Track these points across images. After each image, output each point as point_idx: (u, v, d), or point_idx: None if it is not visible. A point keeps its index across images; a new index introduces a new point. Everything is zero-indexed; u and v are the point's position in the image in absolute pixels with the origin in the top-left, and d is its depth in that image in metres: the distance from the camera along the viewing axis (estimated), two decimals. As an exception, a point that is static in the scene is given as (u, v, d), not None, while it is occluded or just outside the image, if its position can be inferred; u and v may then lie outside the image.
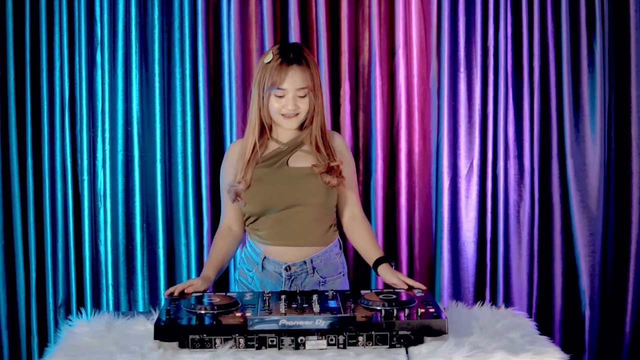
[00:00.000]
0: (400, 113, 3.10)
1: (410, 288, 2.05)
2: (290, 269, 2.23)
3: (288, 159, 2.23)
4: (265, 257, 2.25)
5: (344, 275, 2.34)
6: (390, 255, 2.19)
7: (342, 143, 2.32)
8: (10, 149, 3.04)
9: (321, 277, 2.26)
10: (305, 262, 2.23)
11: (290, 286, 2.23)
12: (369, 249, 2.25)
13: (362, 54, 3.11)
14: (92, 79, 3.04)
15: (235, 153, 2.27)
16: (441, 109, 3.09)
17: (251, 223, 2.27)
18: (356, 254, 2.58)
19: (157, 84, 3.03)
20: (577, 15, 3.06)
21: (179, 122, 3.07)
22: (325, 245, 2.27)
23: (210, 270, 2.18)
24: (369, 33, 3.09)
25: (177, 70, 3.05)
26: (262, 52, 3.04)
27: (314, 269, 2.24)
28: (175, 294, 2.00)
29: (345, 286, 2.33)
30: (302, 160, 2.23)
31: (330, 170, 2.19)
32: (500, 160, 3.10)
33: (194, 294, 1.99)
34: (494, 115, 3.09)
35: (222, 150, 3.09)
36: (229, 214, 2.29)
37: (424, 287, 2.04)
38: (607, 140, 3.14)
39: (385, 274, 2.14)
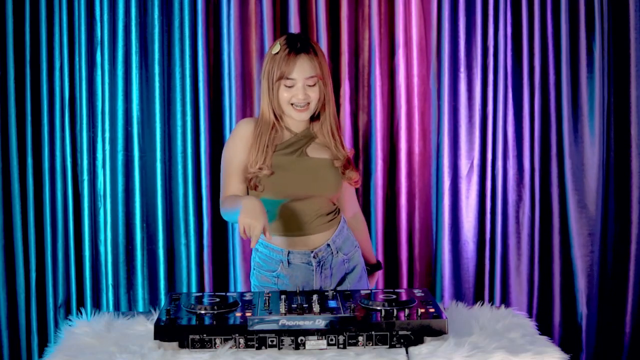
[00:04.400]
0: (400, 113, 3.10)
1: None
2: (317, 255, 2.24)
3: (306, 149, 2.24)
4: (290, 252, 2.23)
5: (357, 247, 2.36)
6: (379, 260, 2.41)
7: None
8: (10, 149, 3.04)
9: (344, 254, 2.29)
10: (329, 245, 2.25)
11: (321, 272, 2.24)
12: (367, 249, 2.45)
13: (362, 54, 3.11)
14: (92, 79, 3.04)
15: (250, 133, 2.22)
16: (441, 109, 3.09)
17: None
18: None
19: (157, 84, 3.03)
20: (576, 16, 3.06)
21: (179, 122, 3.07)
22: (338, 224, 2.29)
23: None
24: (369, 33, 3.09)
25: (177, 70, 3.05)
26: (262, 52, 3.05)
27: (337, 249, 2.27)
28: (263, 234, 1.98)
29: (361, 257, 2.38)
30: (320, 151, 2.25)
31: (349, 162, 2.26)
32: (500, 160, 3.10)
33: (194, 295, 1.99)
34: (494, 115, 3.09)
35: (222, 151, 3.08)
36: (234, 190, 2.21)
37: None
38: (606, 141, 3.14)
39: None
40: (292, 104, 2.18)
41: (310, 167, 2.22)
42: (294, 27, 3.01)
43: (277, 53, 2.16)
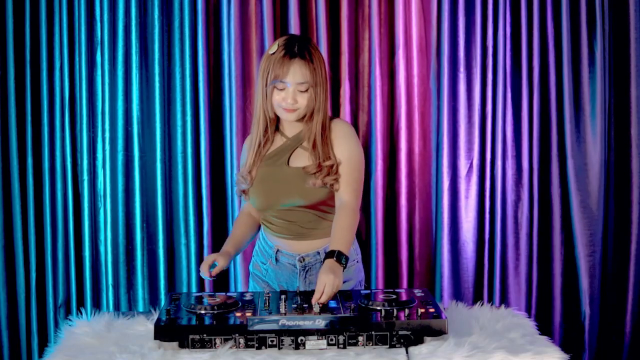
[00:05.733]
0: (400, 113, 3.10)
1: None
2: (304, 259, 2.23)
3: (289, 157, 2.22)
4: (278, 250, 2.26)
5: (357, 262, 2.30)
6: (344, 256, 2.02)
7: (344, 131, 2.23)
8: (10, 149, 3.04)
9: None
10: (318, 252, 2.23)
11: (305, 277, 2.24)
12: (332, 239, 2.09)
13: (362, 54, 3.11)
14: (92, 79, 3.04)
15: (248, 146, 2.30)
16: (441, 109, 3.09)
17: (263, 216, 2.29)
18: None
19: (157, 84, 3.03)
20: (577, 15, 3.06)
21: (179, 122, 3.07)
22: None
23: (231, 246, 2.24)
24: (369, 33, 3.09)
25: (177, 70, 3.05)
26: (262, 52, 3.05)
27: None
28: (207, 274, 2.09)
29: (360, 273, 2.31)
30: (302, 158, 2.21)
31: (320, 170, 2.15)
32: (499, 160, 3.10)
33: (194, 295, 1.99)
34: (493, 115, 3.09)
35: (222, 150, 3.09)
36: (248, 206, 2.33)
37: (322, 302, 1.88)
38: (607, 141, 3.14)
39: (322, 270, 1.97)
40: (282, 107, 2.16)
41: (286, 178, 2.19)
42: (294, 27, 3.01)
43: (273, 53, 2.14)
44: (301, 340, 1.75)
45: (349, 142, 2.22)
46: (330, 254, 2.01)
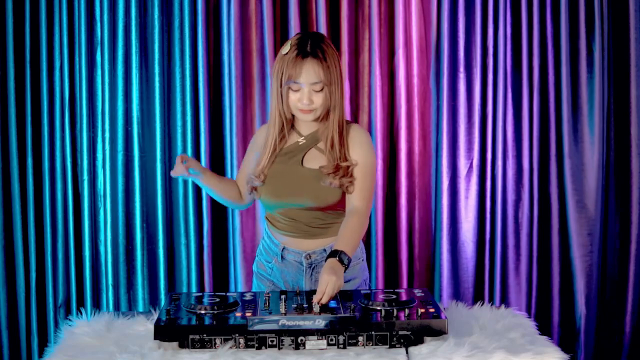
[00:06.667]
0: (400, 113, 3.10)
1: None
2: (310, 257, 2.22)
3: (303, 157, 2.20)
4: (284, 248, 2.24)
5: (362, 260, 2.29)
6: (347, 257, 2.02)
7: (360, 136, 2.21)
8: (10, 149, 3.04)
9: None
10: (325, 250, 2.21)
11: (312, 274, 2.22)
12: (338, 239, 2.09)
13: (362, 54, 3.11)
14: (92, 79, 3.04)
15: (262, 138, 2.26)
16: (441, 109, 3.09)
17: (269, 213, 2.27)
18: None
19: (157, 84, 3.03)
20: (576, 16, 3.06)
21: (179, 122, 3.07)
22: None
23: (212, 174, 2.26)
24: (369, 33, 3.09)
25: (177, 70, 3.05)
26: (262, 52, 3.05)
27: None
28: (180, 162, 2.11)
29: (365, 272, 2.30)
30: (317, 159, 2.19)
31: (337, 170, 2.14)
32: (499, 160, 3.10)
33: (194, 295, 2.00)
34: (493, 115, 3.10)
35: (222, 150, 3.09)
36: (239, 181, 2.34)
37: (323, 302, 1.88)
38: (606, 141, 3.14)
39: (323, 270, 1.96)
40: (298, 108, 2.15)
41: (300, 178, 2.18)
42: (294, 27, 3.01)
43: (286, 54, 2.12)
44: (301, 340, 1.75)
45: (365, 148, 2.21)
46: (333, 254, 2.01)
